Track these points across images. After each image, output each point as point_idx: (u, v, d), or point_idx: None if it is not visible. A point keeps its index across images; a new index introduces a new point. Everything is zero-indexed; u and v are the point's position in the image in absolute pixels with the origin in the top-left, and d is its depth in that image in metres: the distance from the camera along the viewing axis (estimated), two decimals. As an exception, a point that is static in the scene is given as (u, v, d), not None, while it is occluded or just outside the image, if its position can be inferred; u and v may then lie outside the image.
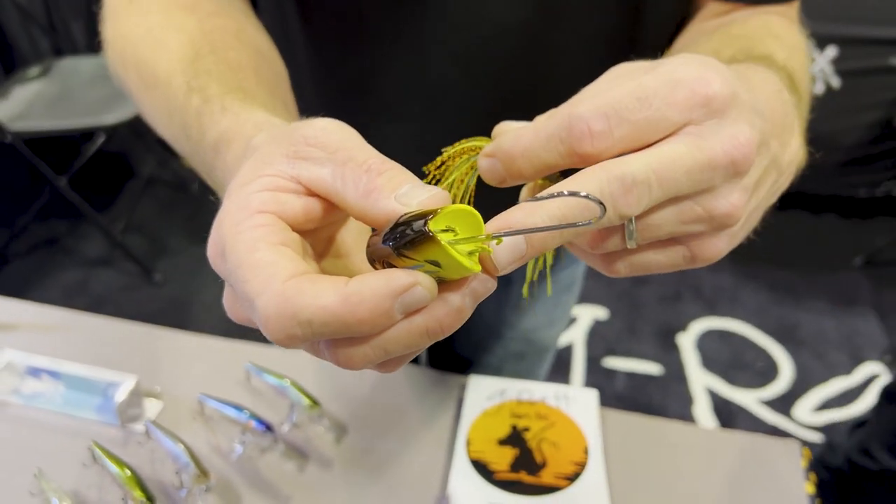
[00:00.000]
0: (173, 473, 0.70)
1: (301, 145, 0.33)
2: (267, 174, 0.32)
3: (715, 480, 0.74)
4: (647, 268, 0.35)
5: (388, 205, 0.30)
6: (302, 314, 0.28)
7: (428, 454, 0.76)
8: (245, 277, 0.29)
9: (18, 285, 2.36)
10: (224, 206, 0.33)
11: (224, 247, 0.31)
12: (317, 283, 0.28)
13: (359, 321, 0.28)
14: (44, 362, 0.79)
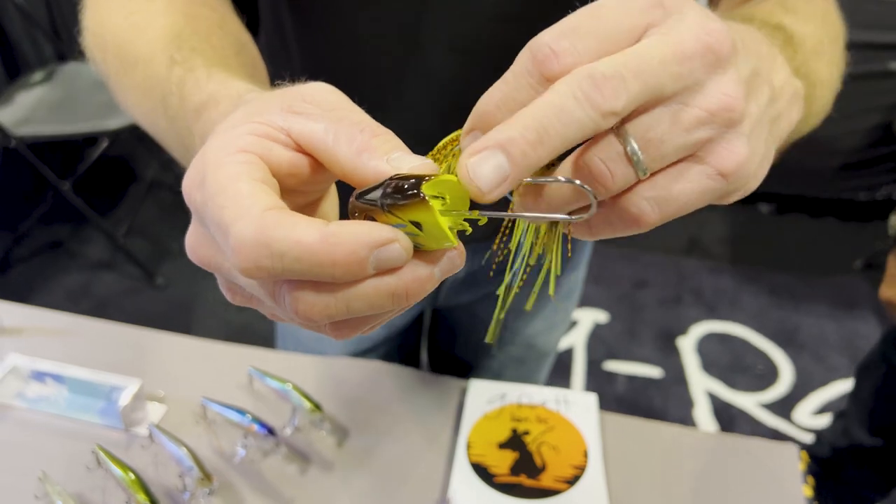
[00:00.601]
0: (177, 477, 0.71)
1: (297, 100, 0.32)
2: (257, 121, 0.32)
3: (713, 484, 0.75)
4: (675, 201, 0.32)
5: (380, 165, 0.30)
6: (276, 245, 0.27)
7: (428, 457, 0.77)
8: (222, 204, 0.29)
9: (22, 289, 2.37)
10: (208, 143, 0.32)
11: (204, 176, 0.30)
12: (296, 217, 0.28)
13: (332, 262, 0.27)
14: (48, 366, 0.79)
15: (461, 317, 0.98)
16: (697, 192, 0.32)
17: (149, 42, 0.50)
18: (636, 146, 0.30)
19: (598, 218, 0.33)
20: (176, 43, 0.49)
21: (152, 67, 0.49)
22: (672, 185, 0.31)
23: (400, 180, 0.29)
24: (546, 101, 0.29)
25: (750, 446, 0.79)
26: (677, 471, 0.76)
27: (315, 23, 0.64)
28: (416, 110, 0.66)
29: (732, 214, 2.72)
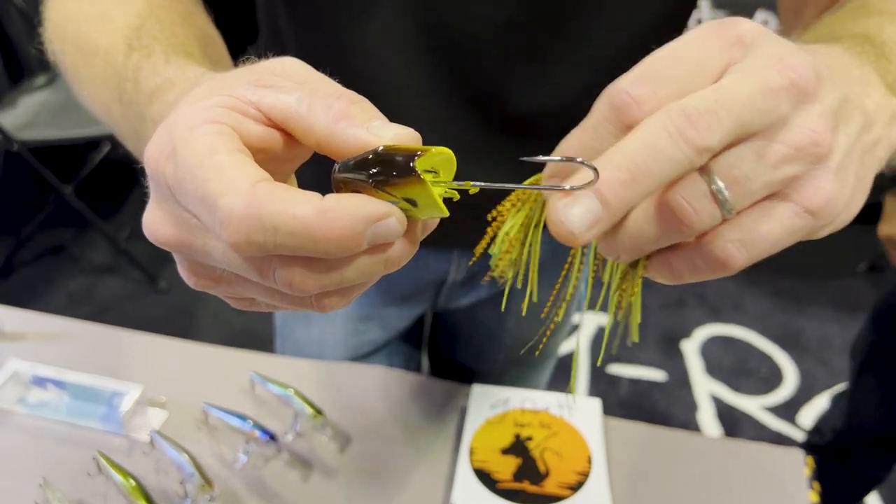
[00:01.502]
0: (178, 483, 0.70)
1: (266, 74, 0.31)
2: (224, 94, 0.30)
3: (718, 489, 0.74)
4: (763, 241, 0.30)
5: (360, 133, 0.29)
6: (270, 219, 0.26)
7: (431, 463, 0.76)
8: (206, 176, 0.27)
9: (24, 293, 2.37)
10: (172, 115, 0.30)
11: (174, 147, 0.28)
12: (290, 190, 0.27)
13: (328, 239, 0.26)
14: (49, 372, 0.79)
15: (461, 320, 0.97)
16: (785, 231, 0.30)
17: (111, 33, 0.49)
18: (722, 184, 0.29)
19: (683, 261, 0.32)
20: (136, 32, 0.48)
21: (111, 57, 0.48)
22: (758, 225, 0.30)
23: (388, 155, 0.28)
24: (637, 138, 0.28)
25: (754, 451, 0.78)
26: (681, 476, 0.75)
27: (314, 30, 0.64)
28: (417, 119, 0.66)
29: (736, 217, 2.71)
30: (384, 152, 0.28)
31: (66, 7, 0.55)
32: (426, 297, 0.90)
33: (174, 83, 0.39)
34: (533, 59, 0.62)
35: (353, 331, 0.90)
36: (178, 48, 0.46)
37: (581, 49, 0.62)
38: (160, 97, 0.39)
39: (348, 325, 0.90)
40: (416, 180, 0.27)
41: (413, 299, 0.89)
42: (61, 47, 0.55)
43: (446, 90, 0.64)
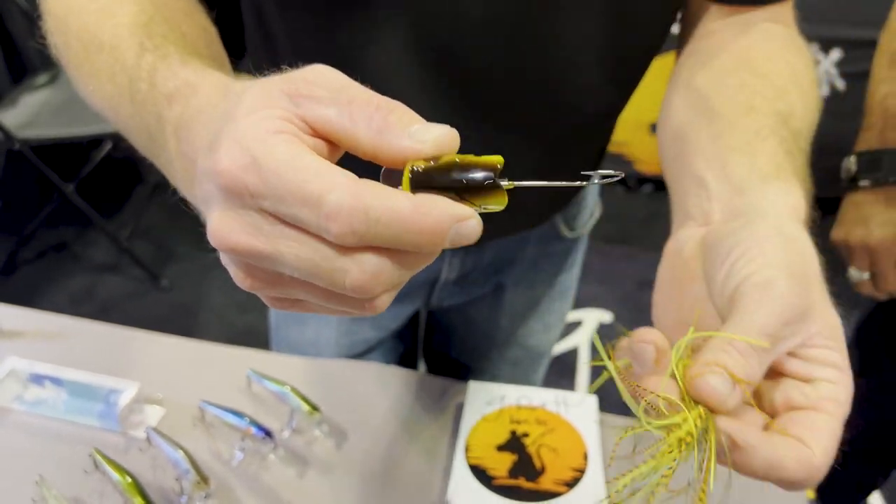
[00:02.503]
0: (174, 480, 0.70)
1: (302, 85, 0.32)
2: (274, 106, 0.31)
3: (714, 486, 0.74)
4: None
5: (403, 143, 0.31)
6: (373, 211, 0.28)
7: (427, 460, 0.76)
8: (303, 178, 0.29)
9: (27, 291, 2.37)
10: (233, 126, 0.31)
11: (255, 157, 0.30)
12: (386, 187, 0.29)
13: (420, 231, 0.29)
14: (46, 369, 0.79)
15: (455, 319, 0.97)
16: None
17: (115, 27, 0.49)
18: None
19: None
20: (145, 30, 0.48)
21: (119, 53, 0.47)
22: None
23: (466, 167, 0.32)
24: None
25: (752, 448, 0.78)
26: (677, 474, 0.75)
27: (300, 26, 0.64)
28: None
29: (738, 214, 2.70)
30: (462, 164, 0.32)
31: (65, 1, 0.55)
32: (419, 297, 0.90)
33: (195, 87, 0.40)
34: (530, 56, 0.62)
35: (346, 331, 0.91)
36: (189, 49, 0.46)
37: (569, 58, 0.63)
38: (180, 100, 0.40)
39: (341, 326, 0.90)
40: (499, 192, 0.32)
41: (405, 299, 0.89)
42: (64, 41, 0.54)
43: (436, 92, 0.64)
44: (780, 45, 0.60)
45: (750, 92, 0.54)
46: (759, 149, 0.49)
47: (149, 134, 0.44)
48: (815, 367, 0.38)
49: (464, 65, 0.62)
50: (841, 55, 2.30)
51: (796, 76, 0.57)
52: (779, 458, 0.35)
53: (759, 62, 0.57)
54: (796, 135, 0.52)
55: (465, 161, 0.32)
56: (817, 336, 0.37)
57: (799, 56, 0.60)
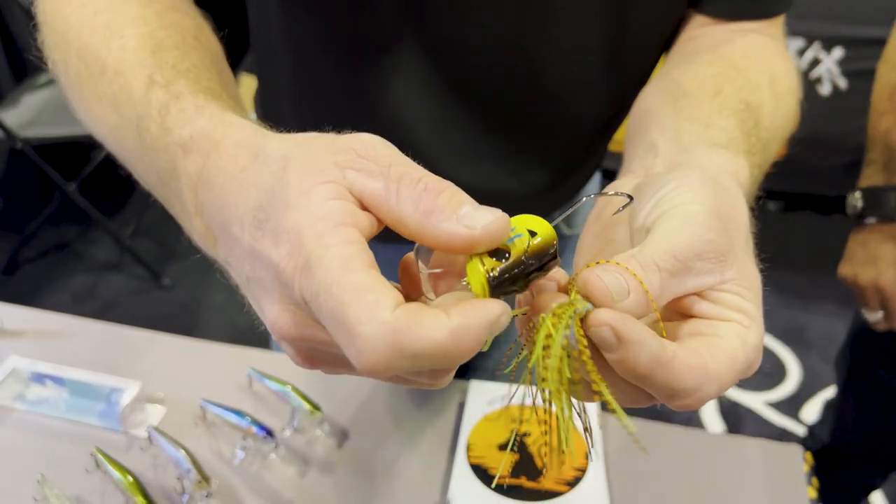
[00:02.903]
0: (175, 479, 0.70)
1: (349, 155, 0.32)
2: (327, 181, 0.31)
3: (716, 485, 0.74)
4: None
5: (452, 227, 0.30)
6: (410, 349, 0.28)
7: (428, 459, 0.76)
8: (343, 299, 0.28)
9: (29, 290, 2.38)
10: (290, 215, 0.31)
11: (308, 261, 0.29)
12: (423, 315, 0.28)
13: (461, 353, 0.28)
14: (48, 368, 0.79)
15: None
16: None
17: (122, 51, 0.46)
18: None
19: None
20: (154, 59, 0.45)
21: (125, 80, 0.45)
22: None
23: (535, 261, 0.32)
24: None
25: (753, 447, 0.78)
26: (679, 472, 0.75)
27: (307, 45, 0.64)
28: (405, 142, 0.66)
29: (740, 212, 2.70)
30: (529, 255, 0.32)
31: (63, 12, 0.52)
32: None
33: (217, 143, 0.37)
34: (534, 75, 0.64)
35: None
36: (202, 83, 0.44)
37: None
38: (199, 154, 0.38)
39: None
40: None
41: None
42: (62, 57, 0.51)
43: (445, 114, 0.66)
44: (760, 49, 0.60)
45: (721, 79, 0.54)
46: (716, 123, 0.49)
47: (159, 178, 0.42)
48: (724, 310, 0.35)
49: (473, 85, 0.63)
50: (843, 54, 2.30)
51: (773, 78, 0.57)
52: (668, 356, 0.31)
53: (737, 59, 0.57)
54: (759, 125, 0.51)
55: (531, 251, 0.31)
56: (732, 282, 0.36)
57: (780, 62, 0.60)
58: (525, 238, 0.32)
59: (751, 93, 0.53)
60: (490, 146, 0.69)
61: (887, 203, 0.99)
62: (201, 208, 0.37)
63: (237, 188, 0.34)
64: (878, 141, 1.00)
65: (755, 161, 0.48)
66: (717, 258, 0.35)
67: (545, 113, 0.66)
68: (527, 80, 0.63)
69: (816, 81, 2.38)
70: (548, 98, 0.65)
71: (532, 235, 0.32)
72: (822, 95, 2.40)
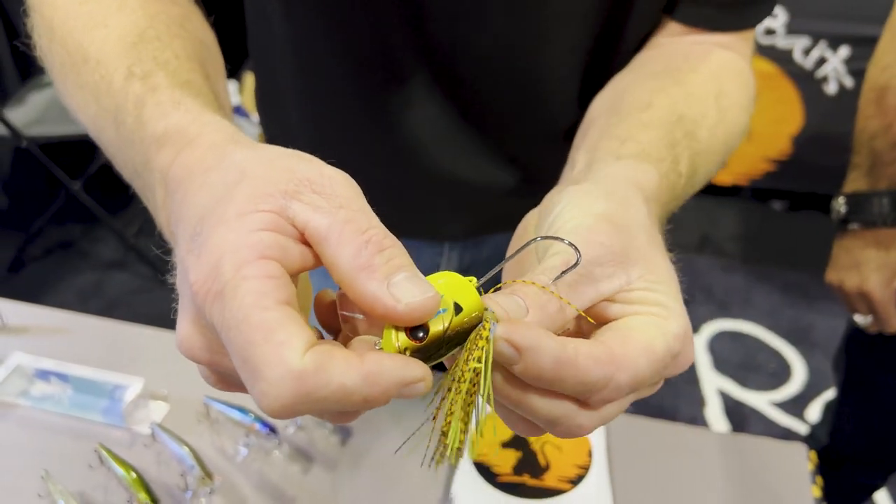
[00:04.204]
0: (178, 475, 0.70)
1: (303, 186, 0.31)
2: (267, 210, 0.30)
3: (719, 483, 0.74)
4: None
5: (379, 291, 0.29)
6: (318, 393, 0.27)
7: (431, 456, 0.76)
8: (251, 339, 0.27)
9: (34, 288, 2.38)
10: (219, 234, 0.30)
11: (223, 289, 0.28)
12: (334, 359, 0.27)
13: (366, 400, 0.28)
14: (52, 365, 0.80)
15: None
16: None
17: (104, 40, 0.46)
18: None
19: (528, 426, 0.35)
20: (135, 51, 0.45)
21: (105, 71, 0.45)
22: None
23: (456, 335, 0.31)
24: None
25: (758, 446, 0.78)
26: (682, 470, 0.75)
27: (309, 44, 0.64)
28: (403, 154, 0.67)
29: (745, 212, 2.70)
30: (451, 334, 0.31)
31: (53, 1, 0.52)
32: None
33: (190, 139, 0.37)
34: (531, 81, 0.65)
35: None
36: (182, 76, 0.43)
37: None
38: (171, 148, 0.37)
39: None
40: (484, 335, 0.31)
41: None
42: (48, 43, 0.51)
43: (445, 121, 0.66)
44: (716, 64, 0.60)
45: (657, 92, 0.54)
46: (634, 136, 0.48)
47: (135, 170, 0.42)
48: (637, 307, 0.34)
49: (471, 85, 0.64)
50: (849, 52, 2.29)
51: (720, 92, 0.57)
52: (569, 353, 0.30)
53: (684, 72, 0.57)
54: (692, 135, 0.51)
55: (452, 329, 0.30)
56: (639, 279, 0.35)
57: (733, 77, 0.60)
58: (448, 315, 0.30)
59: (689, 105, 0.54)
60: (487, 144, 0.69)
61: (870, 209, 0.98)
62: (165, 203, 0.37)
63: (194, 190, 0.34)
64: (864, 145, 1.00)
65: (677, 168, 0.48)
66: (615, 261, 0.35)
67: (537, 111, 0.67)
68: (520, 82, 0.64)
69: (822, 80, 2.37)
70: (535, 98, 0.66)
71: (458, 311, 0.31)
72: (829, 94, 2.39)
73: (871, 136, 0.98)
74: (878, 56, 0.99)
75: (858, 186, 1.01)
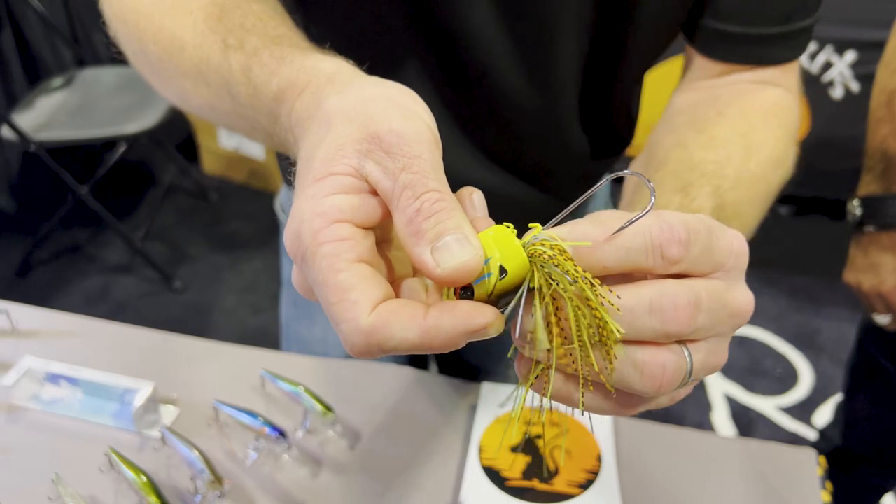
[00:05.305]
0: (188, 479, 0.71)
1: (374, 145, 0.33)
2: (339, 172, 0.33)
3: (728, 488, 0.74)
4: None
5: (423, 255, 0.31)
6: (385, 345, 0.31)
7: (440, 461, 0.76)
8: (330, 299, 0.31)
9: (42, 292, 2.39)
10: (300, 201, 0.33)
11: (304, 255, 0.32)
12: (399, 314, 0.31)
13: (432, 349, 0.31)
14: (62, 369, 0.80)
15: None
16: None
17: (193, 24, 0.49)
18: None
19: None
20: (223, 25, 0.48)
21: (202, 52, 0.48)
22: None
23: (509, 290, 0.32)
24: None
25: (766, 451, 0.78)
26: (692, 476, 0.75)
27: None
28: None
29: (751, 216, 2.69)
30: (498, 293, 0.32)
31: (132, 4, 0.54)
32: None
33: (300, 89, 0.40)
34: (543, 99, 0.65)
35: None
36: (271, 35, 0.46)
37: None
38: (287, 103, 0.41)
39: None
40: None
41: None
42: (140, 47, 0.54)
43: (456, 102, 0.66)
44: (746, 105, 0.59)
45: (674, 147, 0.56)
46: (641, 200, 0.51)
47: (265, 131, 0.46)
48: None
49: (472, 76, 0.64)
50: (855, 57, 2.29)
51: (748, 131, 0.57)
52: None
53: (710, 118, 0.58)
54: (711, 175, 0.53)
55: (496, 293, 0.32)
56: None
57: (768, 115, 0.59)
58: (492, 279, 0.32)
59: (709, 150, 0.54)
60: (492, 149, 0.70)
61: (885, 212, 0.99)
62: (297, 151, 0.40)
63: (301, 140, 0.38)
64: (876, 149, 1.00)
65: (690, 206, 0.50)
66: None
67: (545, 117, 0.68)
68: (525, 80, 0.64)
69: (829, 85, 2.37)
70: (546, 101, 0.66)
71: (503, 274, 0.32)
72: (835, 99, 2.39)
73: (883, 139, 0.98)
74: (887, 60, 1.00)
75: (872, 189, 1.01)
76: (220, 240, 2.66)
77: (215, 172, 3.00)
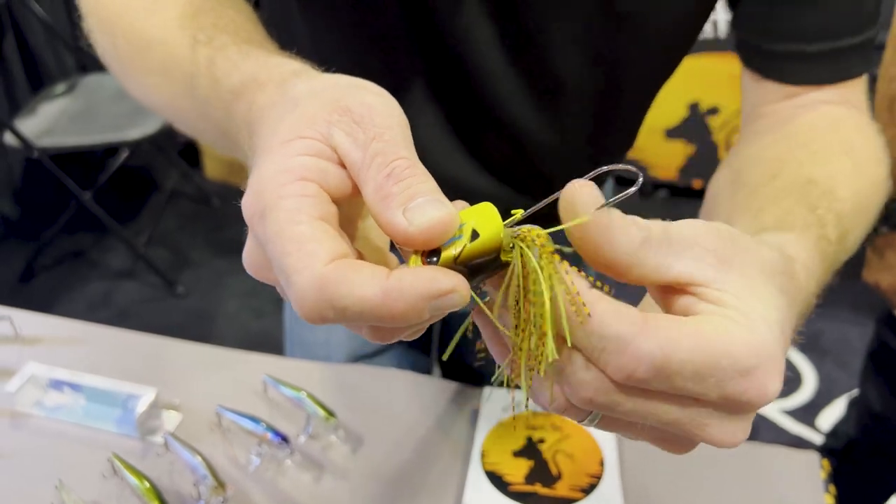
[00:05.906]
0: (191, 485, 0.71)
1: (344, 115, 0.32)
2: (308, 136, 0.32)
3: (731, 492, 0.74)
4: None
5: (395, 218, 0.30)
6: (339, 301, 0.28)
7: (443, 466, 0.76)
8: (285, 250, 0.29)
9: (44, 298, 2.40)
10: (264, 162, 0.32)
11: (264, 209, 0.30)
12: (358, 270, 0.28)
13: (392, 316, 0.28)
14: (65, 375, 0.80)
15: None
16: None
17: (165, 22, 0.49)
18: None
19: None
20: (195, 21, 0.47)
21: (169, 48, 0.47)
22: None
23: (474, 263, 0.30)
24: None
25: (770, 454, 0.78)
26: (694, 479, 0.75)
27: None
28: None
29: (753, 219, 2.69)
30: (468, 262, 0.30)
31: (107, 2, 0.54)
32: None
33: (260, 84, 0.39)
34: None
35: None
36: (242, 35, 0.46)
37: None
38: (246, 97, 0.40)
39: None
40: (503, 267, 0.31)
41: None
42: (111, 41, 0.54)
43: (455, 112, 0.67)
44: (832, 121, 0.56)
45: (779, 162, 0.52)
46: (766, 209, 0.46)
47: (218, 127, 0.44)
48: (709, 307, 0.31)
49: (471, 86, 0.65)
50: (857, 59, 2.29)
51: (851, 147, 0.54)
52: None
53: (802, 134, 0.55)
54: (829, 193, 0.48)
55: (463, 258, 0.30)
56: (729, 285, 0.31)
57: (855, 132, 0.57)
58: (462, 242, 0.30)
59: (817, 165, 0.51)
60: (496, 157, 0.70)
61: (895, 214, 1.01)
62: (252, 145, 0.39)
63: (263, 122, 0.36)
64: None
65: (825, 234, 0.45)
66: (710, 254, 0.31)
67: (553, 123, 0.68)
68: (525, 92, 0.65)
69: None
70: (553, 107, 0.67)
71: (474, 237, 0.30)
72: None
73: (887, 144, 0.99)
74: (885, 68, 1.01)
75: None
76: (223, 245, 2.67)
77: (217, 178, 3.01)
